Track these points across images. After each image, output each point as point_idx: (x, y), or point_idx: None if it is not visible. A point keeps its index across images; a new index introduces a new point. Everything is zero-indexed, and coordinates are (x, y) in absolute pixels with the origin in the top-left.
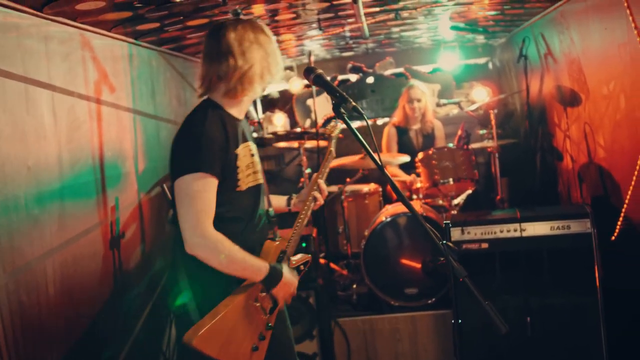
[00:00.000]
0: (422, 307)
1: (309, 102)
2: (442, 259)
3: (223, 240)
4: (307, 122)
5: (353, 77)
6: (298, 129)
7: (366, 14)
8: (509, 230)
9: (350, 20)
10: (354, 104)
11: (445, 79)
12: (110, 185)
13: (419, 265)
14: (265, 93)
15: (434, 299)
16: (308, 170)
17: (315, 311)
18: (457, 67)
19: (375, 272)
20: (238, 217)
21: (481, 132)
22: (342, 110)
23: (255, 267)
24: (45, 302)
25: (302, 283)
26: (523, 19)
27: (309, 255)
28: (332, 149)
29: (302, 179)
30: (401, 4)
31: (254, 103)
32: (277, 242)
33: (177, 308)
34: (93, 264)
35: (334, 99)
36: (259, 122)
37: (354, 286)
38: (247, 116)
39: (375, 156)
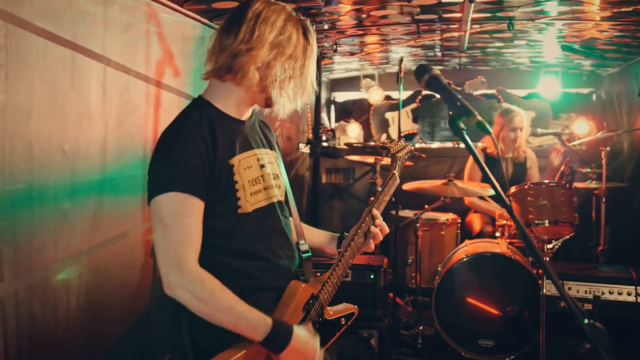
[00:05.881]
0: None
1: (388, 115)
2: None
3: (207, 280)
4: (384, 137)
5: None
6: (372, 143)
7: (474, 21)
8: (621, 293)
9: (453, 26)
10: (479, 118)
11: (542, 107)
12: None
13: (498, 314)
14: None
15: (512, 357)
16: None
17: (377, 355)
18: (556, 95)
19: (447, 315)
20: (244, 249)
21: (584, 170)
22: (462, 125)
23: (251, 321)
24: (64, 316)
25: (365, 320)
26: None
27: (355, 307)
28: (396, 172)
29: (372, 198)
30: (518, 11)
31: (327, 109)
32: (307, 284)
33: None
34: (129, 274)
35: (453, 109)
36: (331, 130)
37: (421, 327)
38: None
39: (502, 193)
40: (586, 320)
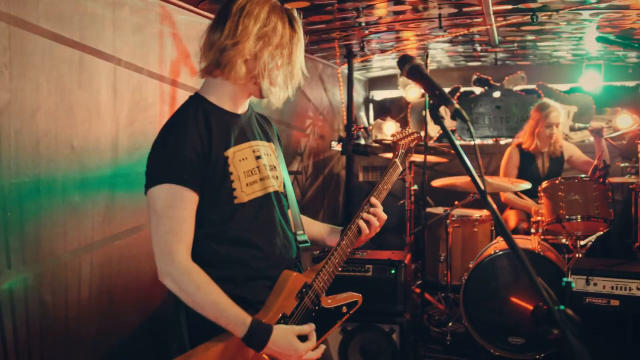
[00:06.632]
0: None
1: None
2: (555, 331)
3: (194, 274)
4: (421, 134)
5: (478, 90)
6: None
7: (496, 13)
8: None
9: (477, 20)
10: (457, 106)
11: (585, 101)
12: None
13: (529, 308)
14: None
15: (543, 355)
16: (415, 187)
17: (398, 350)
18: (599, 88)
19: (476, 312)
20: (240, 237)
21: (622, 164)
22: (441, 114)
23: (231, 319)
24: (75, 304)
25: (386, 315)
26: None
27: (359, 295)
28: (398, 160)
29: (403, 200)
30: (540, 2)
31: (365, 107)
32: (300, 273)
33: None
34: (144, 265)
35: (432, 98)
36: (365, 128)
37: (450, 324)
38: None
39: (477, 178)
40: (556, 307)
